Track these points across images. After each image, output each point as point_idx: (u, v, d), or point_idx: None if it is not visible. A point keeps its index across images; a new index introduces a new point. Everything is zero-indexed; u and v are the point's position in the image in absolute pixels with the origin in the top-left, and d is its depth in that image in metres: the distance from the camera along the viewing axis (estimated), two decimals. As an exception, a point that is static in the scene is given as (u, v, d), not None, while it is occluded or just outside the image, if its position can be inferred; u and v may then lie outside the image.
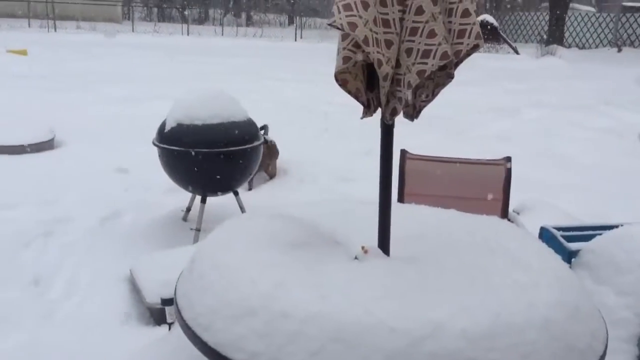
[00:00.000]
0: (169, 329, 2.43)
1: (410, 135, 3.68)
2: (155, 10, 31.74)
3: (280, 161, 5.16)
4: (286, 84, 10.24)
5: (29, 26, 18.02)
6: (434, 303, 1.37)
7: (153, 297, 2.73)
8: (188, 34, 19.82)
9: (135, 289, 3.04)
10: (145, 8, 31.50)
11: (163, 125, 3.56)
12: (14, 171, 4.86)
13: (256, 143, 3.58)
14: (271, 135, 5.03)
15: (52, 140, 5.64)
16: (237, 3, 37.99)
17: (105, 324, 2.82)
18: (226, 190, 3.72)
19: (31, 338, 2.69)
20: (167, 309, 2.40)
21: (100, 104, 7.56)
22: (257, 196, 4.63)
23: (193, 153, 3.36)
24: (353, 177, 4.98)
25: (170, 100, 4.33)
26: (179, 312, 1.62)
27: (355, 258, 1.66)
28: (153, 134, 3.68)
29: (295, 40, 22.50)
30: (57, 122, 6.25)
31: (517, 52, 17.85)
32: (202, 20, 32.83)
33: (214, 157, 3.40)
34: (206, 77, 10.20)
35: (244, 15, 36.31)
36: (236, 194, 3.85)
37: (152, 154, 3.80)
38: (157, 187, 4.54)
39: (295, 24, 26.25)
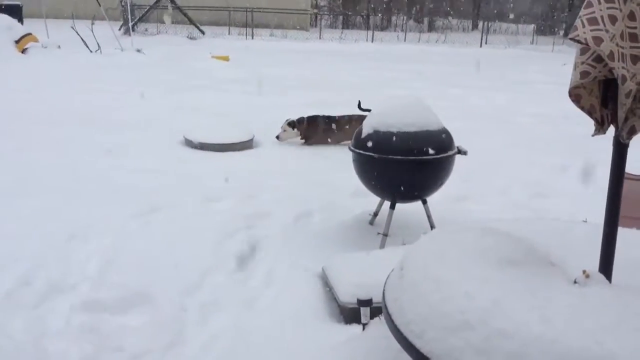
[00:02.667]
0: (363, 329, 2.51)
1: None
2: (340, 17, 32.94)
3: (464, 171, 5.06)
4: (471, 92, 10.02)
5: (229, 33, 19.67)
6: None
7: (346, 296, 2.84)
8: (372, 41, 20.25)
9: (327, 286, 3.18)
10: (331, 16, 32.85)
11: (359, 131, 3.68)
12: (220, 167, 5.35)
13: (450, 153, 3.55)
14: (458, 144, 4.95)
15: (251, 140, 6.12)
16: (419, 9, 37.94)
17: (299, 316, 2.98)
18: (416, 198, 3.74)
19: (235, 321, 2.94)
20: (363, 310, 2.49)
21: (292, 107, 8.02)
22: (441, 206, 4.60)
23: (388, 160, 3.43)
24: (548, 193, 4.72)
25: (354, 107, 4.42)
26: (389, 316, 1.66)
27: (575, 282, 1.58)
28: None
29: (480, 46, 21.89)
30: (256, 123, 6.78)
31: None
32: (384, 26, 33.37)
33: (408, 165, 3.44)
34: (390, 84, 10.35)
35: (426, 21, 36.17)
36: (424, 202, 3.85)
37: (340, 156, 3.95)
38: (344, 190, 4.72)
39: (480, 29, 25.54)
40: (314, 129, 6.27)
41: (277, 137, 6.23)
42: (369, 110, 5.59)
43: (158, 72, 10.20)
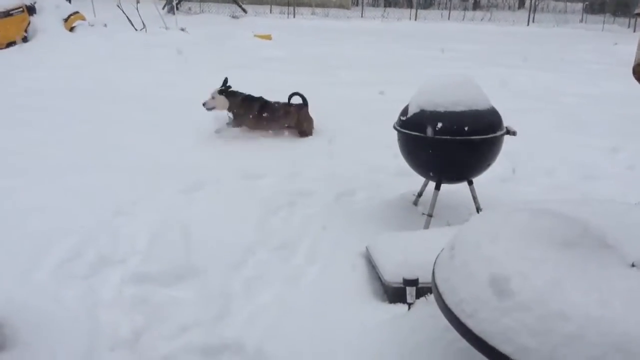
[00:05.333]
0: (408, 308, 2.51)
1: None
2: (382, -5, 32.49)
3: (510, 151, 4.96)
4: (518, 71, 9.78)
5: (271, 12, 19.64)
6: None
7: (391, 276, 2.84)
8: (416, 19, 19.93)
9: (371, 265, 3.18)
10: (373, -6, 32.43)
11: (405, 110, 3.64)
12: (263, 146, 5.38)
13: (499, 133, 3.48)
14: (506, 124, 4.84)
15: (294, 119, 6.11)
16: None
17: (343, 294, 3.00)
18: (463, 179, 3.69)
19: (279, 297, 2.97)
20: (408, 290, 2.48)
21: (336, 87, 7.99)
22: (486, 188, 4.52)
23: (434, 140, 3.38)
24: (597, 175, 4.59)
25: (401, 86, 4.36)
26: (439, 295, 1.65)
27: (633, 265, 1.54)
28: (384, 117, 3.78)
29: (528, 24, 21.29)
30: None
31: None
32: (427, 4, 32.75)
33: (455, 145, 3.38)
34: (433, 63, 10.18)
35: (470, -1, 35.31)
36: (470, 183, 3.80)
37: (383, 136, 3.91)
38: (388, 170, 4.69)
39: (527, 7, 24.82)
40: (245, 110, 5.64)
41: (204, 105, 5.60)
42: (303, 98, 5.74)
43: (201, 51, 10.27)
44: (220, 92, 5.65)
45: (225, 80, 5.64)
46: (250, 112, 5.60)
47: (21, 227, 3.39)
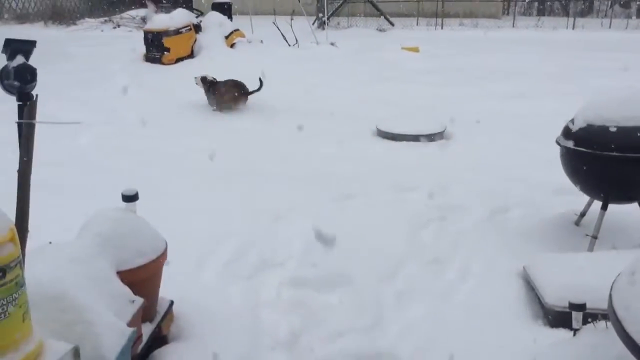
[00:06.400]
0: (574, 334, 2.36)
1: None
2: (535, 4, 31.02)
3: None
4: (694, 84, 8.84)
5: (417, 24, 19.56)
6: None
7: (553, 298, 2.70)
8: (573, 28, 18.75)
9: (529, 286, 3.05)
10: (524, 3, 31.08)
11: (570, 124, 3.45)
12: (412, 158, 5.38)
13: (677, 151, 3.18)
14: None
15: (443, 131, 6.05)
16: (628, -8, 34.28)
17: (498, 314, 2.91)
18: (632, 200, 3.42)
19: (432, 311, 2.95)
20: (575, 315, 2.34)
21: (486, 99, 7.77)
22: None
23: (602, 156, 3.17)
24: None
25: (556, 98, 4.09)
26: (618, 322, 1.55)
27: None
28: (542, 131, 3.60)
29: (703, 31, 19.14)
30: (447, 114, 6.68)
31: None
32: (585, 12, 30.73)
33: (626, 163, 3.14)
34: (593, 74, 9.52)
35: (634, 6, 32.58)
36: (642, 204, 3.50)
37: (540, 150, 3.71)
38: (546, 186, 4.47)
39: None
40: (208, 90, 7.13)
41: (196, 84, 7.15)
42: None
43: (350, 64, 10.49)
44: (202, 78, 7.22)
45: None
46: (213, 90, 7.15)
47: (187, 227, 3.65)
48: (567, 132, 3.44)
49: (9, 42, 1.90)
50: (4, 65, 1.92)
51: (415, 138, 5.90)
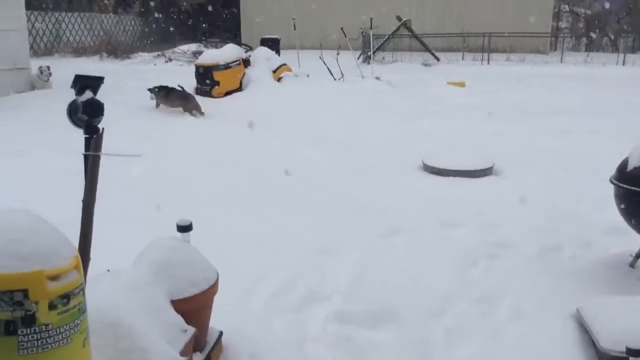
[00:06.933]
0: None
1: None
2: (584, 40, 30.62)
3: None
4: None
5: (463, 59, 19.56)
6: None
7: (609, 343, 2.61)
8: (624, 64, 18.42)
9: (583, 329, 2.96)
10: (572, 38, 30.71)
11: (625, 163, 3.38)
12: (459, 194, 5.33)
13: None
14: None
15: (491, 167, 5.99)
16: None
17: (551, 357, 2.83)
18: (693, 241, 3.30)
19: (482, 351, 2.89)
20: (633, 360, 2.26)
21: (533, 135, 7.67)
22: None
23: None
24: None
25: (604, 135, 3.98)
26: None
27: None
28: (590, 168, 3.53)
29: None
30: (495, 150, 6.63)
31: None
32: (636, 48, 30.13)
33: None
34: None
35: (688, 41, 31.75)
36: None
37: (591, 189, 3.62)
38: (598, 225, 4.36)
39: None
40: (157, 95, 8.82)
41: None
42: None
43: (395, 98, 10.54)
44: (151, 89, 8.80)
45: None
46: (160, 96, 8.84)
47: (235, 257, 3.67)
48: (621, 171, 3.37)
49: (78, 78, 2.01)
50: (73, 100, 2.02)
51: (463, 173, 5.86)
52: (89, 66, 13.77)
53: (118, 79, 11.00)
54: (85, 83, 2.01)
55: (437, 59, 18.63)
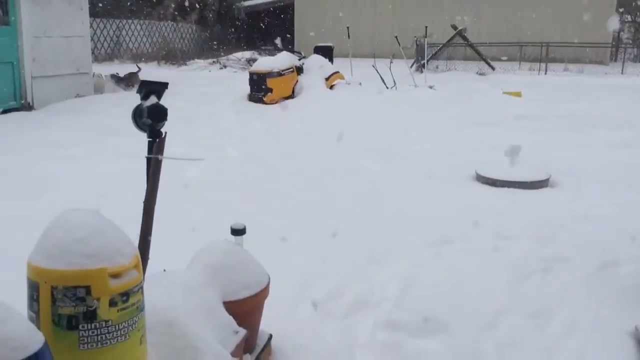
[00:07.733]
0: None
1: None
2: (646, 49, 29.52)
3: None
4: None
5: (519, 68, 19.18)
6: None
7: (671, 364, 2.50)
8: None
9: (643, 348, 2.85)
10: (635, 49, 29.67)
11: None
12: (513, 206, 5.22)
13: None
14: None
15: (547, 179, 5.84)
16: None
17: (608, 377, 2.74)
18: None
19: (534, 368, 2.82)
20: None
21: (593, 147, 7.45)
22: None
23: None
24: None
25: None
26: None
27: None
28: None
29: None
30: (551, 161, 6.46)
31: None
32: None
33: None
34: None
35: None
36: None
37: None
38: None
39: None
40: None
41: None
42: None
43: (449, 107, 10.44)
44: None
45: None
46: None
47: (284, 262, 3.69)
48: (687, 186, 3.23)
49: (144, 84, 2.09)
50: (138, 104, 2.10)
51: (518, 184, 5.73)
52: (147, 71, 14.16)
53: (172, 84, 11.30)
54: (151, 88, 2.08)
55: (492, 68, 18.35)
